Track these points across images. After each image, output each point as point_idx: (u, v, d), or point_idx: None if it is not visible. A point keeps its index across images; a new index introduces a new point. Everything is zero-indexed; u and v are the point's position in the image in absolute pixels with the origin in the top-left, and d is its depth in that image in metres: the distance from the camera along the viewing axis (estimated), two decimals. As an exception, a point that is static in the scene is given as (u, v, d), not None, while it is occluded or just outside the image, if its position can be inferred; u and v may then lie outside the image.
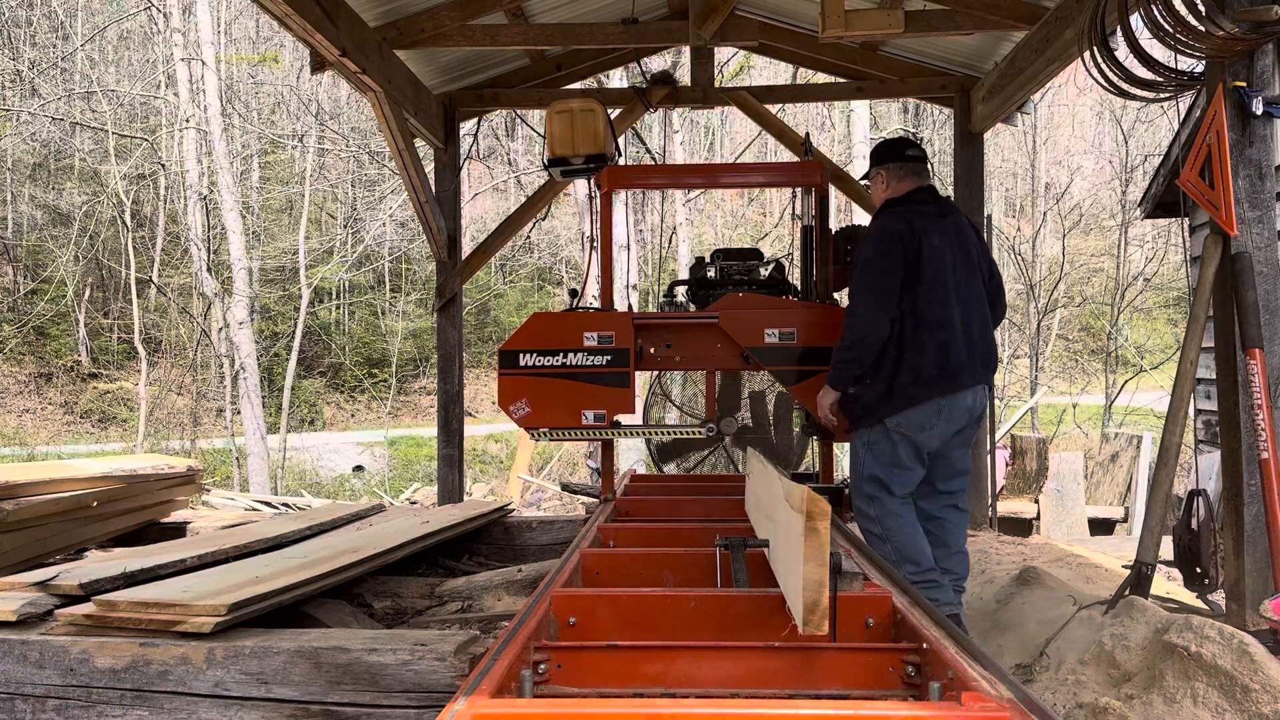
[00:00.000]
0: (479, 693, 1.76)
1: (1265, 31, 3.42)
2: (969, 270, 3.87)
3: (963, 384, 3.76)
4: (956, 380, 3.75)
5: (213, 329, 18.55)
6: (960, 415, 3.79)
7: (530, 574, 4.50)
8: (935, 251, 3.78)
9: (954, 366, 3.74)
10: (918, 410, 3.74)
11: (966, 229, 3.96)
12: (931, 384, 3.73)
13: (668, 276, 19.38)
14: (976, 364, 3.81)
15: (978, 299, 3.88)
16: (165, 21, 18.19)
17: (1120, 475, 9.89)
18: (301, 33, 4.86)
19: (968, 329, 3.79)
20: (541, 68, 7.36)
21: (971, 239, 3.96)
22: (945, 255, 3.79)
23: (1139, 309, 22.31)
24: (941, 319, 3.74)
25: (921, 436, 3.77)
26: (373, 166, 24.12)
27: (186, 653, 2.73)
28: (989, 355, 3.89)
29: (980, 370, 3.83)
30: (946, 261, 3.79)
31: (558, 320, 4.52)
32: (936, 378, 3.73)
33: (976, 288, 3.90)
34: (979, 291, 3.90)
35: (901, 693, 2.07)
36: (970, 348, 3.79)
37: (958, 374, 3.75)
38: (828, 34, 4.85)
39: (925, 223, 3.82)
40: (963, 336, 3.77)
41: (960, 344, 3.76)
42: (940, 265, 3.78)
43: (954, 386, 3.75)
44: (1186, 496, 4.09)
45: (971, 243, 3.94)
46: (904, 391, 3.75)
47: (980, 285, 3.92)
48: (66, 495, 4.94)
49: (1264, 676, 2.59)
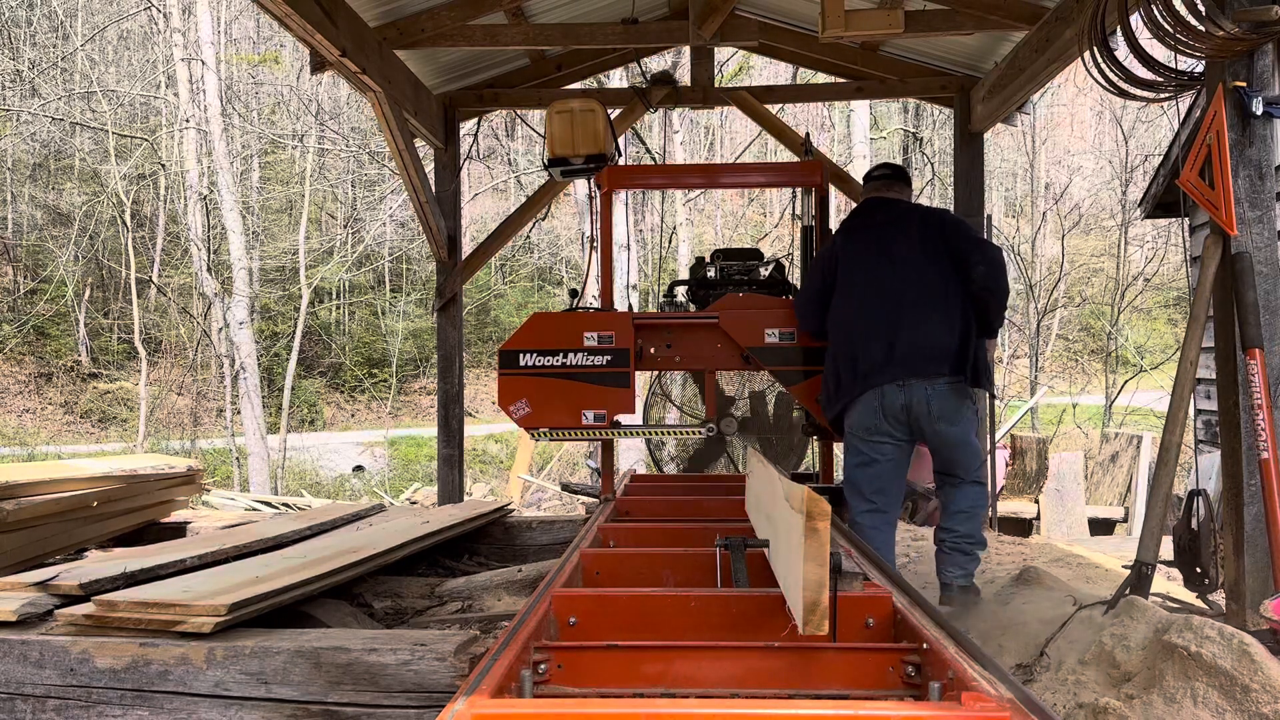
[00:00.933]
0: (479, 693, 1.76)
1: (1265, 31, 3.42)
2: (903, 267, 3.89)
3: (877, 382, 3.82)
4: (867, 380, 3.84)
5: (213, 329, 18.56)
6: (895, 412, 3.83)
7: (530, 574, 4.50)
8: (851, 255, 3.98)
9: (865, 368, 3.85)
10: (854, 411, 3.91)
11: (911, 227, 3.97)
12: (850, 385, 3.90)
13: (668, 276, 19.38)
14: (901, 360, 3.80)
15: (916, 296, 3.86)
16: (165, 21, 18.19)
17: (1120, 475, 9.89)
18: (301, 33, 4.86)
19: (891, 326, 3.83)
20: (541, 68, 7.37)
21: (924, 236, 3.92)
22: (865, 256, 3.95)
23: (1139, 309, 22.31)
24: (849, 319, 3.93)
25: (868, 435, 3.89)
26: (373, 166, 24.13)
27: (186, 653, 2.73)
28: (925, 349, 3.81)
29: (911, 365, 3.80)
30: (864, 263, 3.94)
31: (558, 320, 4.53)
32: (850, 380, 3.90)
33: (915, 284, 3.87)
34: (922, 287, 3.87)
35: (901, 693, 2.07)
36: (891, 345, 3.81)
37: (869, 375, 3.84)
38: (828, 34, 4.85)
39: (851, 230, 4.09)
40: (883, 334, 3.83)
41: (876, 342, 3.83)
42: (854, 267, 3.96)
43: (865, 386, 3.84)
44: (1186, 496, 4.08)
45: (917, 240, 3.92)
46: (836, 396, 3.98)
47: (927, 280, 3.87)
48: (66, 495, 4.94)
49: (1264, 676, 2.59)
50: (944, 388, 3.84)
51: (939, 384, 3.83)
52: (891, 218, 4.07)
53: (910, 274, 3.89)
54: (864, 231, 4.07)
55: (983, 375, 3.95)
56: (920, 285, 3.88)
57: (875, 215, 4.11)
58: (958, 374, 3.85)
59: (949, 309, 3.87)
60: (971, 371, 3.88)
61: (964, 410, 3.94)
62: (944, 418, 3.86)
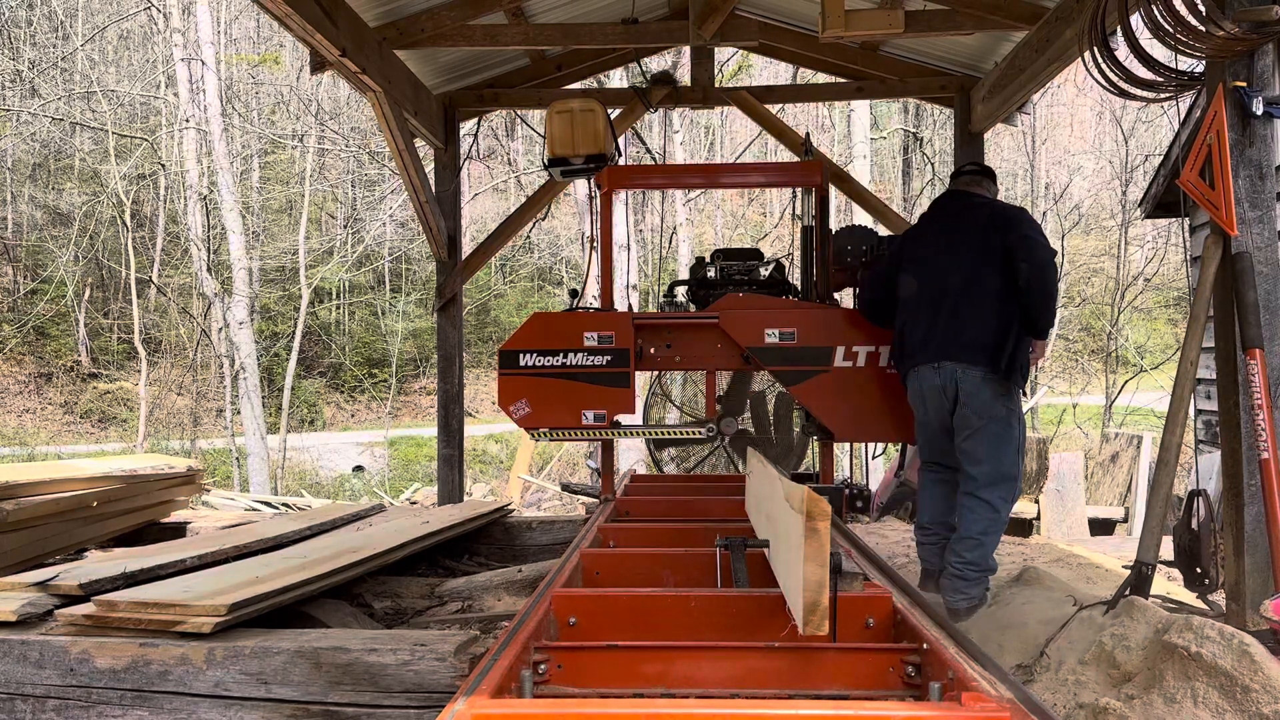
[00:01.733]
0: (479, 693, 1.76)
1: (1265, 31, 3.42)
2: (956, 258, 4.06)
3: (917, 362, 4.10)
4: (911, 359, 4.14)
5: (213, 329, 18.55)
6: (932, 392, 4.04)
7: (530, 574, 4.50)
8: (916, 242, 4.27)
9: (910, 348, 4.14)
10: (907, 383, 4.22)
11: (976, 221, 4.10)
12: (899, 361, 4.26)
13: (668, 276, 19.38)
14: (937, 345, 4.01)
15: (962, 287, 4.01)
16: (165, 21, 18.18)
17: (1120, 475, 9.89)
18: (301, 33, 4.86)
19: (933, 311, 4.06)
20: (541, 68, 7.36)
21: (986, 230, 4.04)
22: (926, 244, 4.21)
23: (1139, 309, 22.29)
24: (904, 301, 4.23)
25: (916, 405, 4.20)
26: (373, 166, 24.13)
27: (186, 653, 2.73)
28: (961, 338, 3.96)
29: (946, 350, 3.99)
30: (924, 250, 4.19)
31: (558, 320, 4.52)
32: (899, 357, 4.25)
33: (964, 275, 4.02)
34: (969, 279, 4.00)
35: (901, 693, 2.07)
36: (930, 329, 4.05)
37: (912, 354, 4.13)
38: (828, 34, 4.85)
39: (923, 219, 4.36)
40: (924, 319, 4.08)
41: (919, 326, 4.10)
42: (916, 253, 4.23)
43: (910, 364, 4.15)
44: (1186, 496, 4.08)
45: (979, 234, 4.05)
46: (898, 366, 4.30)
47: (976, 273, 4.00)
48: (66, 495, 4.94)
49: (1264, 677, 2.59)
50: (977, 375, 3.94)
51: (972, 371, 3.95)
52: (960, 209, 4.22)
53: (962, 265, 4.02)
54: (932, 221, 4.28)
55: (1015, 370, 3.94)
56: (968, 277, 4.00)
57: (948, 206, 4.30)
58: (992, 367, 3.91)
59: (991, 303, 3.94)
60: (1006, 365, 3.91)
61: (996, 407, 3.95)
62: (971, 405, 3.95)
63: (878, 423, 4.59)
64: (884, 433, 4.74)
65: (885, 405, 4.53)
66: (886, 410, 4.53)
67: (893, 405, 4.50)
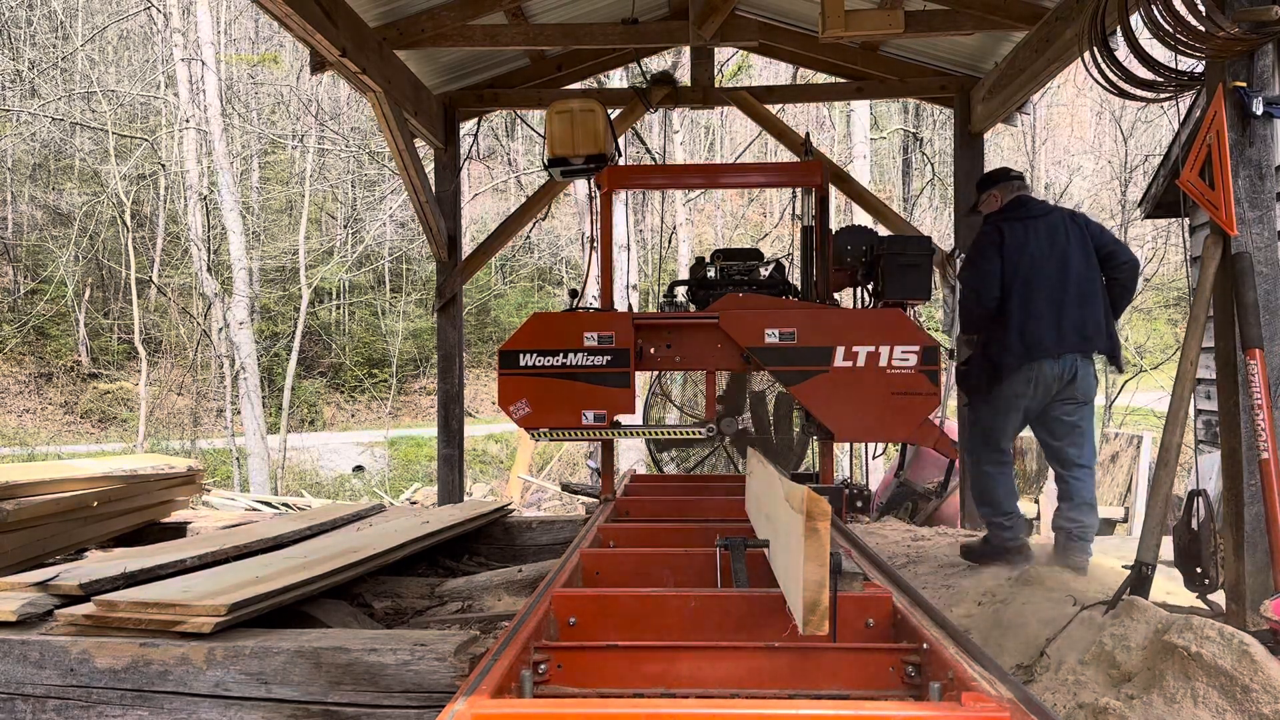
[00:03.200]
0: (479, 693, 1.76)
1: (1265, 31, 3.42)
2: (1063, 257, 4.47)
3: (1039, 356, 4.41)
4: (1030, 353, 4.43)
5: (213, 329, 18.54)
6: (1046, 382, 4.44)
7: (530, 574, 4.49)
8: (1017, 244, 4.53)
9: (1031, 342, 4.43)
10: (1014, 379, 4.47)
11: (1064, 223, 4.57)
12: (1018, 356, 4.46)
13: (668, 276, 19.38)
14: (1064, 338, 4.42)
15: (1077, 281, 4.46)
16: (165, 21, 18.19)
17: (1120, 475, 9.89)
18: (301, 33, 4.86)
19: (1055, 307, 4.43)
20: (541, 68, 7.37)
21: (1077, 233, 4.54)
22: (1029, 246, 4.51)
23: (1139, 309, 22.30)
24: (1020, 301, 4.48)
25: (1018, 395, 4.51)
26: (373, 166, 24.13)
27: (186, 653, 2.73)
28: (1085, 328, 4.43)
29: (1071, 342, 4.42)
30: (1029, 252, 4.49)
31: (558, 320, 4.52)
32: (1020, 352, 4.46)
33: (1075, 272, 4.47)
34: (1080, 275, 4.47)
35: (901, 693, 2.07)
36: (1057, 324, 4.42)
37: (1033, 348, 4.43)
38: (828, 34, 4.85)
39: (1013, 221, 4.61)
40: (1048, 314, 4.42)
41: (1043, 321, 4.42)
42: (1020, 254, 4.50)
43: (1029, 358, 4.42)
44: (1186, 497, 4.07)
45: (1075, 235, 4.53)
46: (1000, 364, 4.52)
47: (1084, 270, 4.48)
48: (66, 495, 4.93)
49: (1264, 677, 2.59)
50: (1089, 365, 4.46)
51: (1088, 361, 4.45)
52: (1045, 212, 4.65)
53: (1070, 263, 4.47)
54: (1024, 223, 4.60)
55: (1118, 350, 4.54)
56: (1079, 273, 4.47)
57: (1032, 209, 4.67)
58: (1107, 350, 4.48)
59: (1100, 294, 4.49)
60: (1111, 346, 4.49)
61: (1093, 389, 4.56)
62: (1080, 388, 4.46)
63: (878, 423, 4.58)
64: (884, 433, 4.73)
65: (885, 405, 4.53)
66: (887, 410, 4.53)
67: (893, 405, 4.49)
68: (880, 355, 4.53)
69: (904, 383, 4.31)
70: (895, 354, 4.36)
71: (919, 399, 4.30)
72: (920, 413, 4.31)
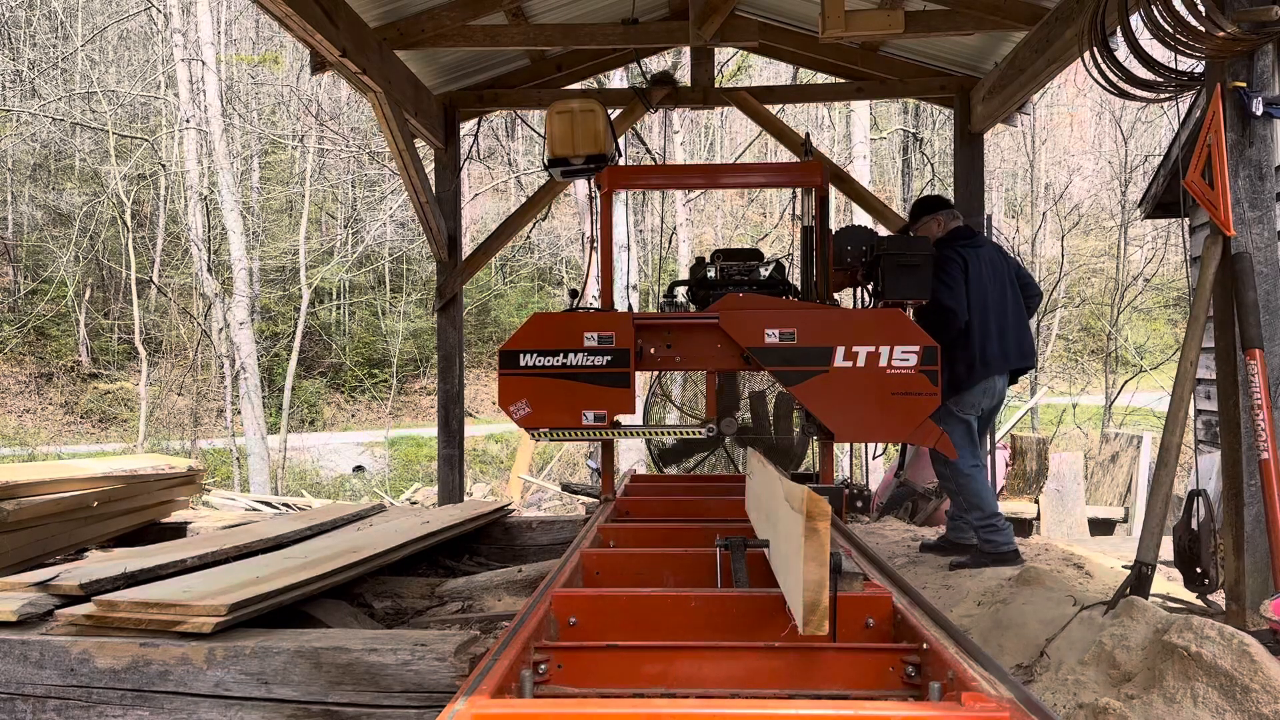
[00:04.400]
0: (479, 693, 1.76)
1: (1265, 31, 3.42)
2: (1004, 284, 4.96)
3: (993, 372, 4.88)
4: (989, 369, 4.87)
5: (213, 329, 18.54)
6: (996, 395, 4.98)
7: (530, 574, 4.50)
8: (976, 270, 4.88)
9: (989, 359, 4.85)
10: (974, 391, 4.89)
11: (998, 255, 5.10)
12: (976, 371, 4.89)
13: (668, 276, 19.39)
14: (1013, 355, 4.92)
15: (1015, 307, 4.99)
16: (165, 22, 18.18)
17: (1120, 475, 9.89)
18: (302, 33, 4.86)
19: (1001, 329, 4.88)
20: (541, 68, 7.36)
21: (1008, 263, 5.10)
22: (983, 273, 4.90)
23: (1139, 309, 22.30)
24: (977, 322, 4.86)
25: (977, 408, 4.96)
26: (373, 166, 24.12)
27: (187, 653, 2.73)
28: (1025, 347, 4.99)
29: (1013, 360, 4.94)
30: (983, 278, 4.88)
31: (558, 320, 4.52)
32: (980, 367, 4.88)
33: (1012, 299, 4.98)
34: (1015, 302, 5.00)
35: (901, 693, 2.07)
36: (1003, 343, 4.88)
37: (990, 364, 4.86)
38: (828, 34, 4.86)
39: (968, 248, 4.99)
40: (996, 335, 4.86)
41: (997, 341, 4.86)
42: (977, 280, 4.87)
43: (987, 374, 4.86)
44: (1186, 497, 4.08)
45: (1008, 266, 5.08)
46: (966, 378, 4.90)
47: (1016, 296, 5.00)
48: (67, 495, 4.93)
49: (1264, 676, 2.59)
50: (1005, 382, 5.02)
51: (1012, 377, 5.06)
52: (984, 243, 5.16)
53: (1007, 290, 4.98)
54: (975, 250, 5.00)
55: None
56: (1014, 299, 5.00)
57: (977, 240, 5.14)
58: (1033, 366, 5.22)
59: (1025, 317, 5.08)
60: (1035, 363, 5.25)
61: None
62: (1000, 401, 5.06)
63: (878, 423, 4.58)
64: (884, 433, 4.73)
65: (885, 405, 4.53)
66: (887, 410, 4.53)
67: (893, 405, 4.49)
68: (880, 355, 4.53)
69: (904, 383, 4.31)
70: (895, 354, 4.36)
71: (919, 399, 4.30)
72: (920, 413, 4.31)
